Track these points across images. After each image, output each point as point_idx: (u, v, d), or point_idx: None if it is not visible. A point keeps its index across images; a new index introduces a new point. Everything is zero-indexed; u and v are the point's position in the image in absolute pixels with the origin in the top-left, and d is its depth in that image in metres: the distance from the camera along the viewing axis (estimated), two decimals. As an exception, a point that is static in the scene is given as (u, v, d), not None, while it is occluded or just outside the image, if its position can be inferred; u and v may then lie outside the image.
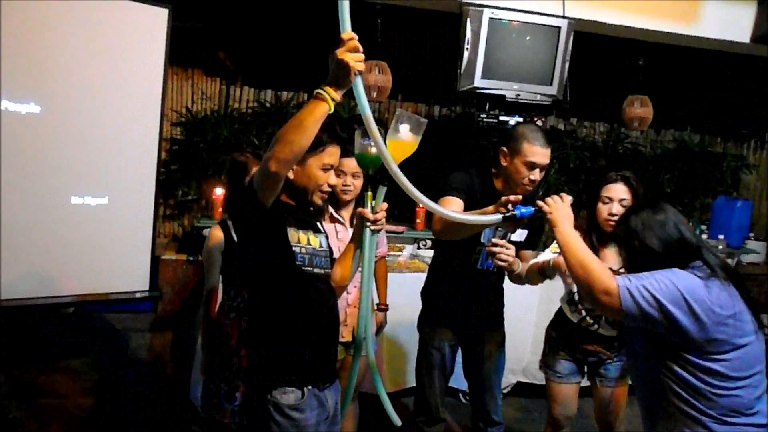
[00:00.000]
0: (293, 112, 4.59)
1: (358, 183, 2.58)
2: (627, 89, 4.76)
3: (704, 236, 5.23)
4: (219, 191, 4.10)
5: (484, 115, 3.52)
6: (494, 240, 2.19)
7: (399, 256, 4.05)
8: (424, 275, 2.79)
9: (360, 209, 1.90)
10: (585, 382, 2.73)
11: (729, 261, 4.90)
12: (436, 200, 2.34)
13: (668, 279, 1.61)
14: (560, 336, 2.65)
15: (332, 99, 1.53)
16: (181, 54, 4.57)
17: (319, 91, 1.53)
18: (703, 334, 1.60)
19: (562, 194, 1.82)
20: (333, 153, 1.81)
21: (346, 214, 2.67)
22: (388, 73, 3.97)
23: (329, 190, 1.84)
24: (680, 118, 5.90)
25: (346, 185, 2.59)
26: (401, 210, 4.47)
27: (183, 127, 4.66)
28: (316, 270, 1.86)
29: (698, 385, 1.65)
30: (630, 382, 2.45)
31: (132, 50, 3.37)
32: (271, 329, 1.79)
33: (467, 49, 3.40)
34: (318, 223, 1.96)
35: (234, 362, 2.46)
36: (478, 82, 3.44)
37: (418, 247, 4.24)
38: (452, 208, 2.24)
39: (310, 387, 1.77)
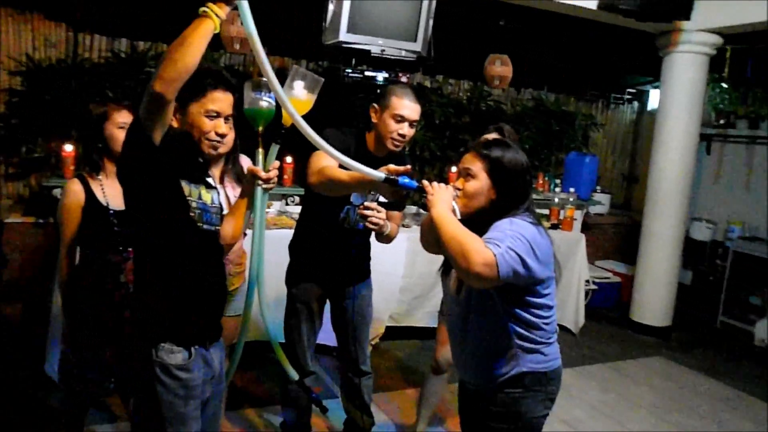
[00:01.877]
0: (151, 64, 4.39)
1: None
2: (489, 48, 4.96)
3: (557, 189, 5.64)
4: (69, 148, 3.78)
5: (350, 71, 3.50)
6: (366, 203, 2.22)
7: (267, 212, 3.98)
8: (291, 231, 2.77)
9: (251, 167, 1.85)
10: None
11: (579, 212, 5.34)
12: (307, 156, 2.33)
13: (518, 233, 1.71)
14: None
15: (217, 16, 1.49)
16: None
17: (203, 8, 1.49)
18: (543, 275, 1.77)
19: (448, 185, 1.82)
20: (218, 99, 1.73)
21: (216, 171, 2.55)
22: (252, 24, 3.83)
23: (218, 138, 1.76)
24: (537, 78, 6.25)
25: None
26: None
27: (24, 76, 4.21)
28: (206, 226, 1.79)
29: (535, 320, 1.83)
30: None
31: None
32: (160, 286, 1.71)
33: (333, 2, 3.35)
34: (209, 178, 1.86)
35: (99, 326, 2.35)
36: (344, 36, 3.40)
37: (286, 204, 4.21)
38: (328, 163, 2.21)
39: (196, 346, 1.72)
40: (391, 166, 1.83)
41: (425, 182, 1.81)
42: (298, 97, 1.81)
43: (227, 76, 1.78)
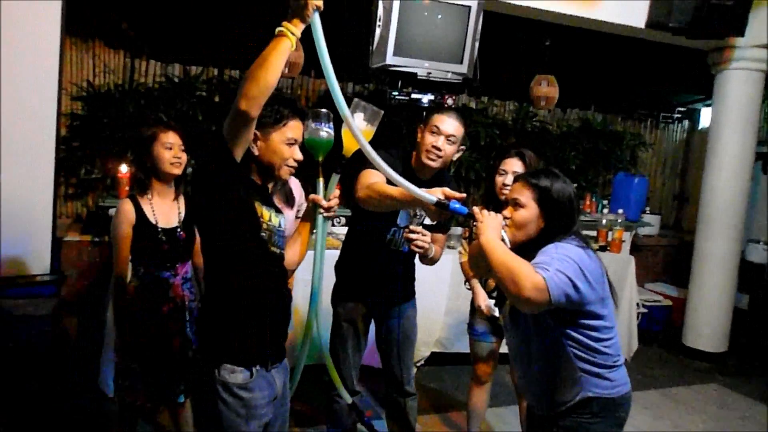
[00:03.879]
0: (202, 87, 4.54)
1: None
2: (535, 69, 4.94)
3: (605, 210, 5.54)
4: (124, 169, 3.92)
5: (396, 93, 3.55)
6: (412, 227, 2.24)
7: (313, 233, 4.03)
8: (337, 252, 2.80)
9: (313, 195, 1.90)
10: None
11: (628, 233, 5.22)
12: (356, 176, 2.37)
13: (566, 256, 1.71)
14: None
15: (293, 34, 1.57)
16: (80, 24, 4.32)
17: (280, 27, 1.57)
18: (595, 297, 1.75)
19: (500, 214, 1.85)
20: (295, 127, 1.80)
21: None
22: (300, 49, 3.93)
23: (295, 164, 1.82)
24: (584, 98, 6.19)
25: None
26: (313, 188, 4.46)
27: (84, 101, 4.41)
28: (274, 249, 1.83)
29: (594, 344, 1.81)
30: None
31: (24, 18, 3.14)
32: (227, 305, 1.75)
33: (379, 26, 3.41)
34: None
35: (148, 340, 2.44)
36: (390, 59, 3.45)
37: (332, 225, 4.25)
38: (378, 179, 2.25)
39: (258, 367, 1.75)
40: (447, 190, 1.86)
41: (476, 209, 1.83)
42: (360, 128, 1.85)
43: (300, 105, 1.84)
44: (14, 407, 3.25)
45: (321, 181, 1.89)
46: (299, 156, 1.82)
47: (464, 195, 1.88)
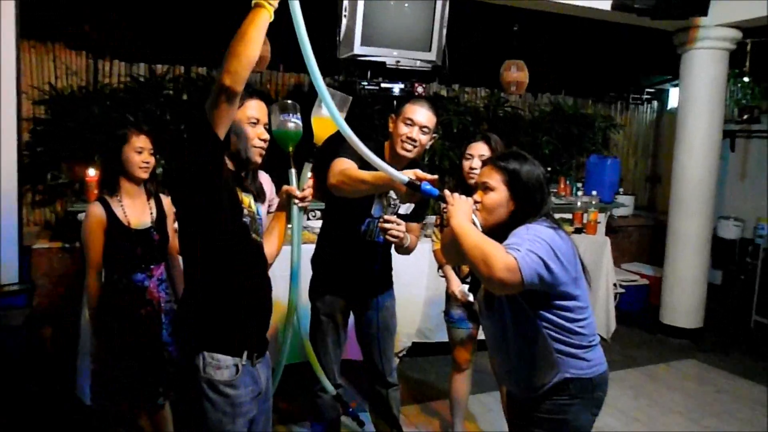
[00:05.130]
0: (169, 86, 4.45)
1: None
2: (504, 55, 4.94)
3: (580, 193, 5.58)
4: (92, 173, 3.83)
5: (366, 83, 3.52)
6: (386, 216, 2.23)
7: (288, 227, 3.99)
8: (313, 246, 2.77)
9: (286, 187, 1.89)
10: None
11: (603, 215, 5.27)
12: (328, 164, 2.35)
13: (537, 236, 1.70)
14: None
15: (270, 4, 1.53)
16: (38, 26, 4.21)
17: (256, 0, 1.52)
18: (568, 277, 1.75)
19: (470, 198, 1.83)
20: (255, 107, 1.77)
21: None
22: (266, 43, 3.86)
23: (262, 144, 1.79)
24: (554, 82, 6.22)
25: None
26: (285, 180, 4.43)
27: (47, 105, 4.30)
28: (255, 236, 1.81)
29: (569, 325, 1.80)
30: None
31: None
32: (210, 294, 1.72)
33: (345, 15, 3.37)
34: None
35: (126, 345, 2.40)
36: (358, 49, 3.41)
37: (308, 218, 4.21)
38: (349, 166, 2.25)
39: (244, 363, 1.72)
40: (419, 172, 1.86)
41: (446, 192, 1.82)
42: (326, 117, 1.84)
43: (256, 88, 1.80)
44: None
45: (293, 171, 1.87)
46: (265, 135, 1.80)
47: (436, 177, 1.88)
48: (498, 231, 1.79)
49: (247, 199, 1.80)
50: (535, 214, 1.81)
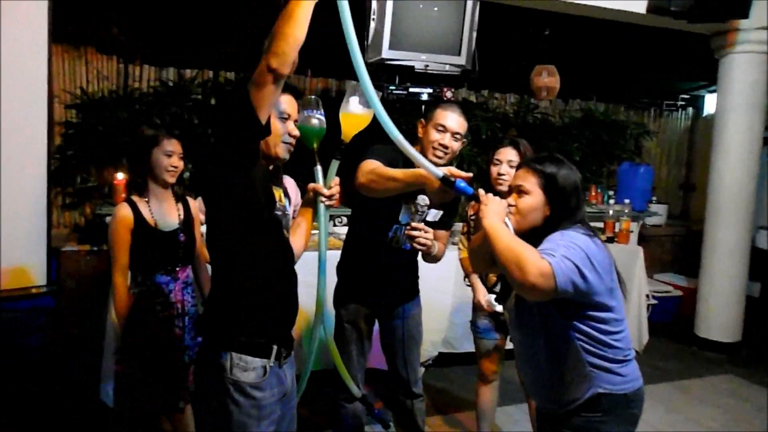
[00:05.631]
0: (197, 91, 4.47)
1: None
2: (534, 60, 4.85)
3: (611, 201, 5.45)
4: (121, 176, 3.86)
5: (394, 87, 3.47)
6: (414, 224, 2.18)
7: (314, 234, 3.96)
8: (338, 252, 2.73)
9: (313, 185, 1.85)
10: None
11: (635, 224, 5.14)
12: (356, 165, 2.30)
13: (572, 243, 1.64)
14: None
15: None
16: (71, 31, 4.26)
17: None
18: (603, 287, 1.68)
19: (504, 200, 1.79)
20: (287, 101, 1.73)
21: None
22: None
23: (292, 140, 1.76)
24: (586, 87, 6.10)
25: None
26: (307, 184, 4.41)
27: (78, 109, 4.34)
28: (285, 232, 1.79)
29: (603, 337, 1.73)
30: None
31: (10, 28, 3.06)
32: (243, 291, 1.68)
33: (374, 19, 3.33)
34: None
35: (151, 346, 2.39)
36: (386, 53, 3.37)
37: (334, 225, 4.18)
38: (377, 165, 2.22)
39: (272, 365, 1.68)
40: (453, 169, 1.82)
41: (481, 191, 1.77)
42: (354, 113, 1.80)
43: (289, 83, 1.77)
44: (15, 418, 3.20)
45: (319, 168, 1.84)
46: (295, 131, 1.76)
47: (470, 175, 1.83)
48: (531, 236, 1.72)
49: (278, 193, 1.77)
50: (570, 220, 1.75)
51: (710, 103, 6.84)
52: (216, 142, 1.64)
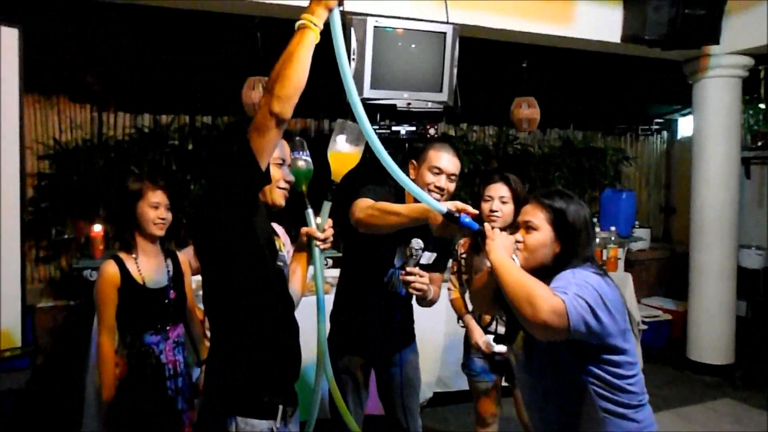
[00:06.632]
0: (174, 136, 4.38)
1: None
2: (512, 92, 4.87)
3: (597, 229, 5.44)
4: (98, 228, 3.74)
5: (376, 127, 3.42)
6: (408, 269, 2.11)
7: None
8: (327, 297, 2.63)
9: (306, 228, 1.78)
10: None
11: (621, 250, 5.12)
12: (348, 205, 2.23)
13: (585, 282, 1.58)
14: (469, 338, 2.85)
15: (315, 25, 1.46)
16: (42, 80, 4.16)
17: (300, 21, 1.46)
18: (617, 328, 1.61)
19: (512, 235, 1.73)
20: (281, 146, 1.68)
21: None
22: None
23: (287, 186, 1.71)
24: (563, 116, 6.15)
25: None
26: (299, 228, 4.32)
27: (51, 160, 4.22)
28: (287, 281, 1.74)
29: (618, 381, 1.66)
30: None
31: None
32: (249, 350, 1.59)
33: (354, 59, 3.30)
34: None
35: (141, 409, 2.26)
36: (368, 92, 3.33)
37: (322, 267, 4.08)
38: (374, 202, 2.16)
39: (278, 426, 1.60)
40: (458, 203, 1.75)
41: (487, 226, 1.72)
42: (342, 151, 1.76)
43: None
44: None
45: (311, 211, 1.77)
46: (290, 177, 1.71)
47: (477, 212, 1.77)
48: (539, 275, 1.65)
49: (278, 241, 1.72)
50: (580, 258, 1.69)
51: (684, 126, 6.94)
52: (212, 192, 1.56)
